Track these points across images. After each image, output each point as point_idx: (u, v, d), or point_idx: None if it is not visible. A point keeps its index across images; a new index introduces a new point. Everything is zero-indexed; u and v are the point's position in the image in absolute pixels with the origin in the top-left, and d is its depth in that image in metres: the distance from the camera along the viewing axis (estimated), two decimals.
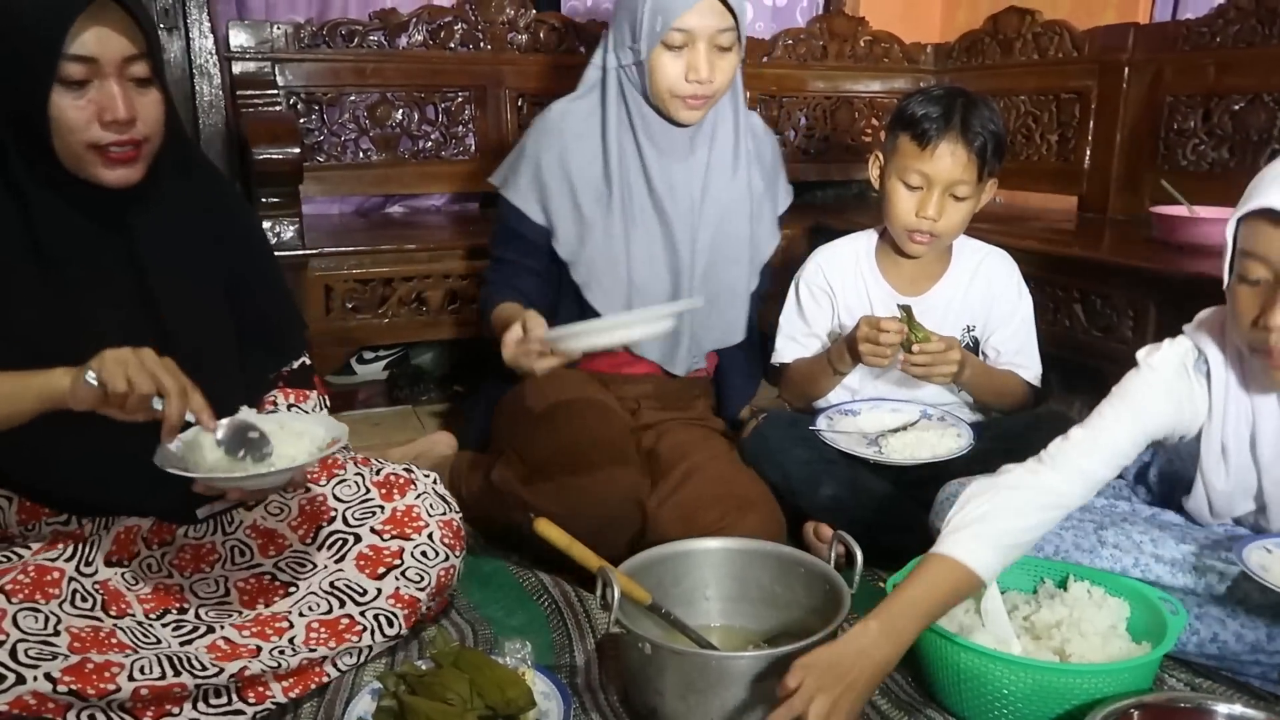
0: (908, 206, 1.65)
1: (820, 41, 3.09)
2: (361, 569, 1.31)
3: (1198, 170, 2.42)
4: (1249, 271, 1.11)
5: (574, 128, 1.68)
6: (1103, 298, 2.03)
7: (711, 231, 1.72)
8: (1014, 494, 1.17)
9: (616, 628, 1.08)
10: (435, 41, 2.67)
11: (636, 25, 1.57)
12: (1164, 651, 1.17)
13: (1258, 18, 2.29)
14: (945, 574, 1.10)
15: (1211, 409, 1.26)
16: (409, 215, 2.79)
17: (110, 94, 1.09)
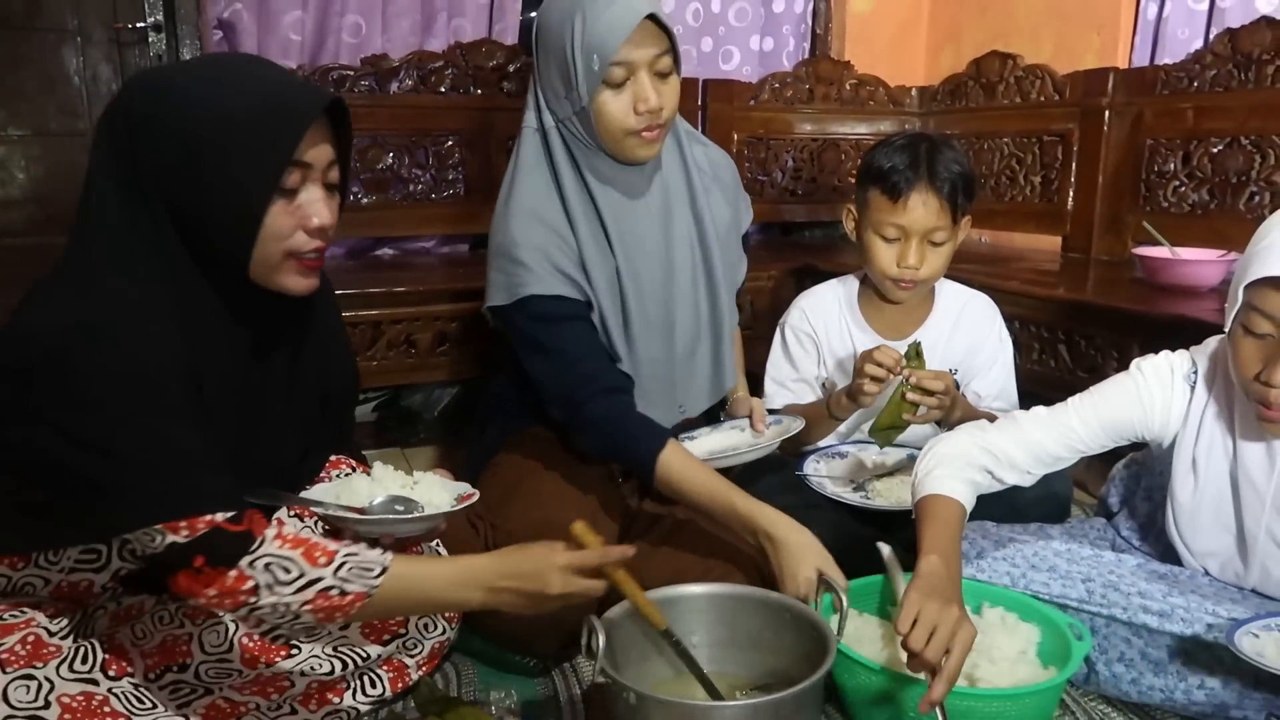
0: (888, 258, 1.67)
1: (806, 85, 3.13)
2: (366, 636, 1.29)
3: (1179, 211, 2.46)
4: (1254, 325, 1.14)
5: (541, 205, 1.54)
6: (1086, 339, 2.05)
7: (687, 272, 1.63)
8: (960, 444, 1.33)
9: (602, 677, 1.07)
10: (426, 86, 2.70)
11: (569, 73, 1.46)
12: (1067, 676, 1.20)
13: (1234, 63, 2.33)
14: (940, 507, 1.25)
15: (1187, 420, 1.30)
16: (399, 257, 2.80)
17: (317, 199, 1.11)
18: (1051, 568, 1.37)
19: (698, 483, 1.41)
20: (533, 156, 1.56)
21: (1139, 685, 1.30)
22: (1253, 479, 1.24)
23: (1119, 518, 1.56)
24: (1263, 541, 1.26)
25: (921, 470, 1.30)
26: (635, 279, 1.57)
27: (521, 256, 1.50)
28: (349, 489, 1.32)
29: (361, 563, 1.05)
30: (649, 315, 1.59)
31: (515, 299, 1.51)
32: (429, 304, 2.23)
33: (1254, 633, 1.19)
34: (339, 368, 1.42)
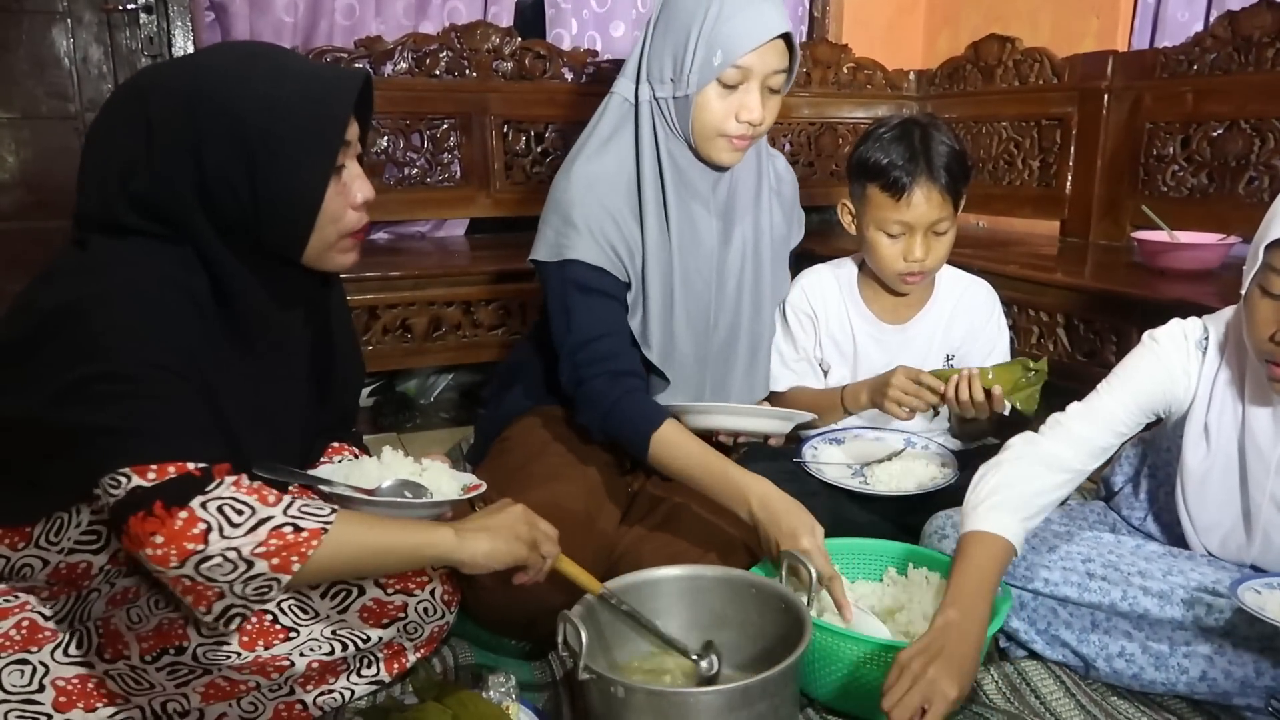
0: (894, 254, 1.65)
1: (804, 69, 3.11)
2: (365, 620, 1.28)
3: (1177, 195, 2.45)
4: (1272, 286, 1.13)
5: (611, 176, 1.53)
6: (1085, 323, 2.04)
7: (735, 279, 1.64)
8: (1017, 464, 1.25)
9: (586, 674, 1.06)
10: (420, 69, 2.68)
11: (683, 58, 1.44)
12: (994, 631, 1.21)
13: (1234, 46, 2.32)
14: (984, 548, 1.18)
15: (1199, 388, 1.29)
16: (394, 242, 2.79)
17: (358, 174, 1.13)
18: (1051, 548, 1.37)
19: (692, 454, 1.40)
20: (614, 126, 1.55)
21: (1140, 680, 1.30)
22: (1259, 445, 1.24)
23: (1120, 498, 1.56)
24: (1266, 509, 1.26)
25: (971, 501, 1.22)
26: (685, 275, 1.58)
27: (575, 219, 1.50)
28: (359, 470, 1.31)
29: (312, 503, 1.04)
30: (691, 313, 1.60)
31: (558, 259, 1.51)
32: (424, 289, 2.22)
33: (1256, 589, 1.19)
34: (348, 351, 1.42)
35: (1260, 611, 1.11)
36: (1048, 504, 1.24)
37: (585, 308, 1.50)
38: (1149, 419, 1.33)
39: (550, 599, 1.23)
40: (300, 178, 1.06)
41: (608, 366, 1.49)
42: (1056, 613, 1.36)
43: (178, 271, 1.06)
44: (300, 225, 1.08)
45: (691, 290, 1.59)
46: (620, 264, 1.53)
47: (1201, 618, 1.25)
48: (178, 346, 1.02)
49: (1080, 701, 1.31)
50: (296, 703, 1.22)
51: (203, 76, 1.06)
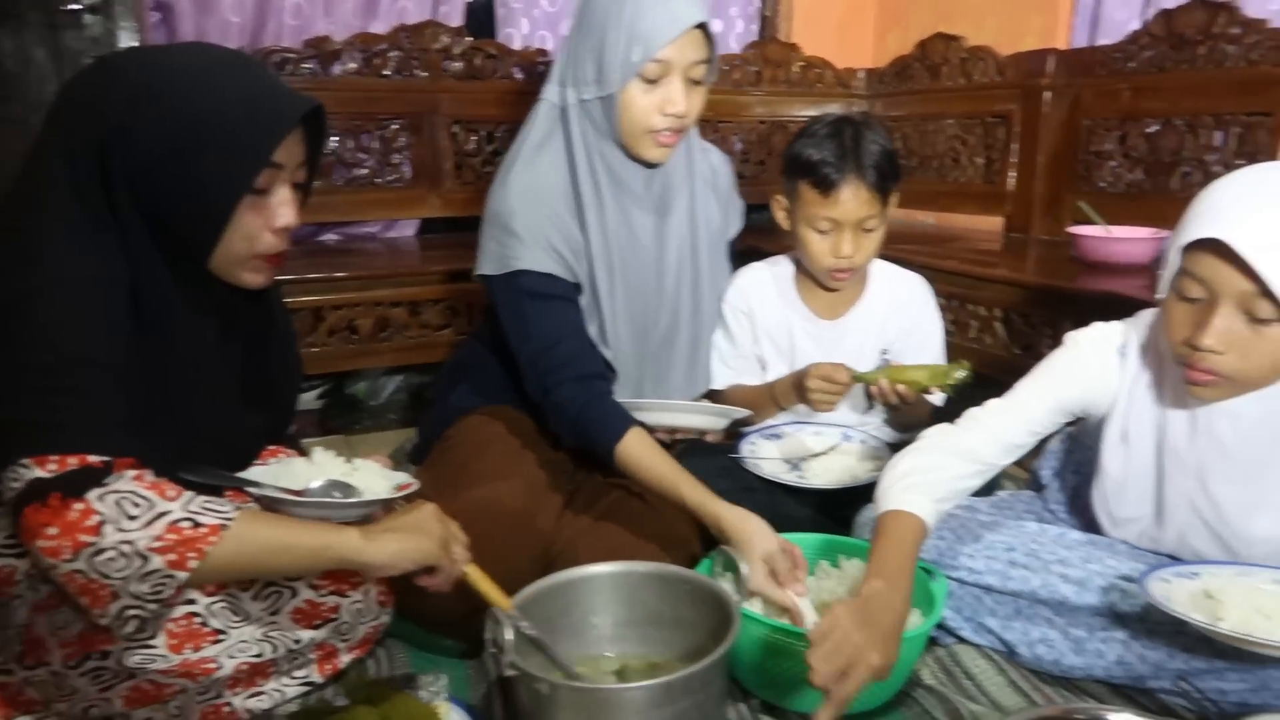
0: (823, 249, 1.68)
1: (755, 67, 3.14)
2: (297, 622, 1.28)
3: (1115, 191, 2.49)
4: (1187, 290, 1.14)
5: (547, 182, 1.54)
6: (1023, 316, 2.08)
7: (673, 275, 1.66)
8: (931, 453, 1.28)
9: (512, 670, 1.07)
10: (369, 69, 2.68)
11: (603, 58, 1.46)
12: (934, 621, 1.25)
13: (1169, 44, 2.37)
14: (902, 526, 1.19)
15: (1119, 391, 1.31)
16: (343, 243, 2.78)
17: (285, 200, 1.14)
18: (977, 538, 1.40)
19: (654, 470, 1.42)
20: (545, 132, 1.56)
21: (1060, 665, 1.34)
22: (1177, 447, 1.26)
23: (1049, 490, 1.59)
24: (1183, 510, 1.28)
25: (885, 484, 1.25)
26: (625, 274, 1.59)
27: (516, 228, 1.50)
28: (288, 472, 1.31)
29: (214, 500, 1.04)
30: (632, 312, 1.62)
31: (505, 271, 1.52)
32: (370, 289, 2.21)
33: (1165, 578, 1.22)
34: (284, 355, 1.42)
35: (1165, 604, 1.15)
36: (958, 490, 1.26)
37: (540, 315, 1.51)
38: (1066, 419, 1.35)
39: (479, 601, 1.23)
40: (215, 187, 1.08)
41: (572, 371, 1.50)
42: (982, 600, 1.39)
43: (109, 263, 1.07)
44: (206, 232, 1.10)
45: (632, 289, 1.61)
46: (569, 267, 1.54)
47: (1117, 604, 1.28)
48: (105, 341, 1.03)
49: (1012, 679, 1.34)
50: (224, 705, 1.22)
51: (163, 67, 1.09)
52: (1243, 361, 1.12)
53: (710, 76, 1.53)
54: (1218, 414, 1.22)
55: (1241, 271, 1.07)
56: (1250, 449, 1.21)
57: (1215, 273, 1.10)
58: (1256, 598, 1.17)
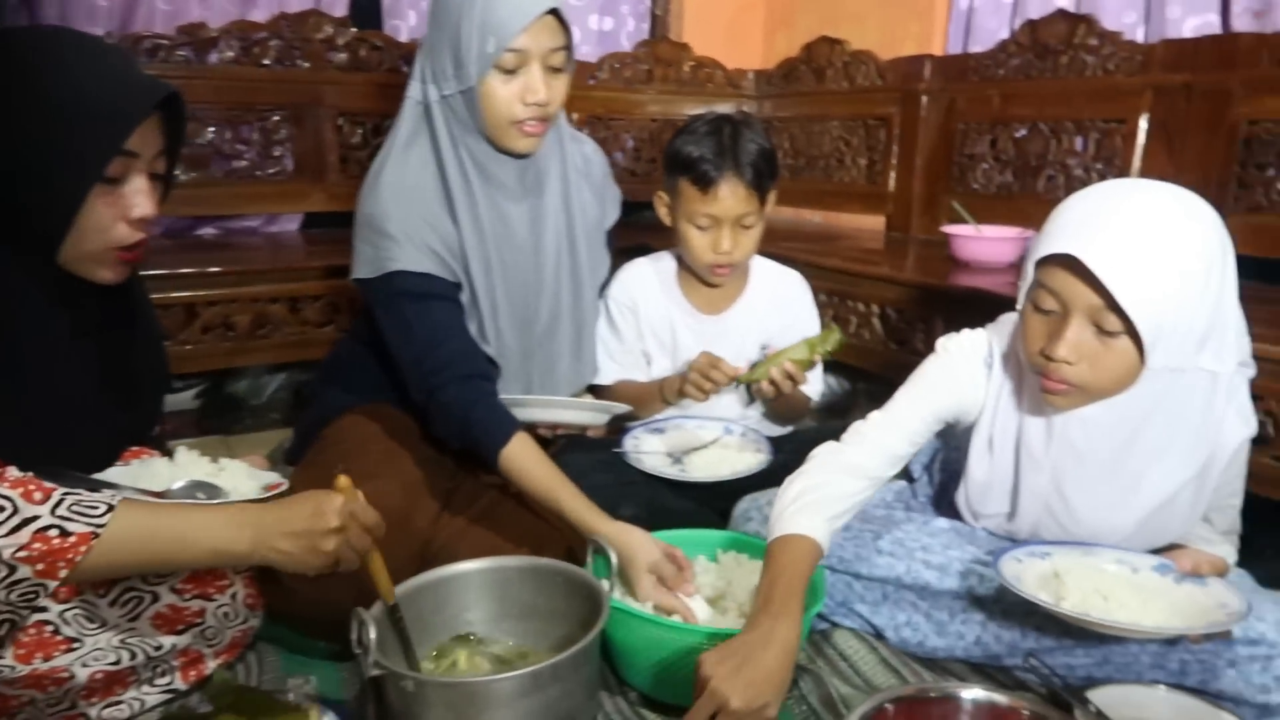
0: (703, 245, 1.71)
1: (646, 66, 3.16)
2: (158, 628, 1.24)
3: (986, 192, 2.60)
4: (1042, 302, 1.18)
5: (417, 181, 1.52)
6: (899, 312, 2.15)
7: (552, 266, 1.65)
8: (820, 472, 1.28)
9: (376, 669, 1.06)
10: (248, 58, 2.59)
11: (460, 51, 1.45)
12: (817, 610, 1.28)
13: (1034, 52, 2.48)
14: (794, 550, 1.18)
15: (986, 401, 1.35)
16: (222, 237, 2.68)
17: (141, 190, 1.10)
18: (846, 526, 1.43)
19: (536, 480, 1.42)
20: (411, 130, 1.54)
21: (924, 647, 1.39)
22: (1033, 452, 1.31)
23: (918, 483, 1.65)
24: (1037, 510, 1.34)
25: (778, 508, 1.24)
26: (504, 268, 1.58)
27: (390, 230, 1.48)
28: (148, 472, 1.27)
29: (85, 500, 0.98)
30: (514, 305, 1.61)
31: (381, 273, 1.49)
32: (247, 285, 2.15)
33: (1018, 558, 1.28)
34: (149, 354, 1.37)
35: (1015, 584, 1.20)
36: (851, 506, 1.27)
37: (420, 316, 1.49)
38: (942, 426, 1.39)
39: (354, 599, 1.21)
40: (64, 175, 1.04)
41: (455, 372, 1.48)
42: (852, 586, 1.44)
43: None
44: (54, 223, 1.05)
45: (512, 283, 1.60)
46: (446, 265, 1.53)
47: (975, 588, 1.34)
48: None
49: (883, 656, 1.39)
50: (79, 716, 1.17)
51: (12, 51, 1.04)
52: (1093, 372, 1.17)
53: (570, 64, 1.53)
54: (1072, 420, 1.26)
55: (1091, 286, 1.12)
56: (1100, 453, 1.27)
57: (1067, 287, 1.14)
58: (1098, 579, 1.23)
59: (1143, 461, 1.25)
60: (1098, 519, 1.30)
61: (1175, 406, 1.22)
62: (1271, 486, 1.47)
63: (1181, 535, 1.32)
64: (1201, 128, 2.13)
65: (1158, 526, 1.29)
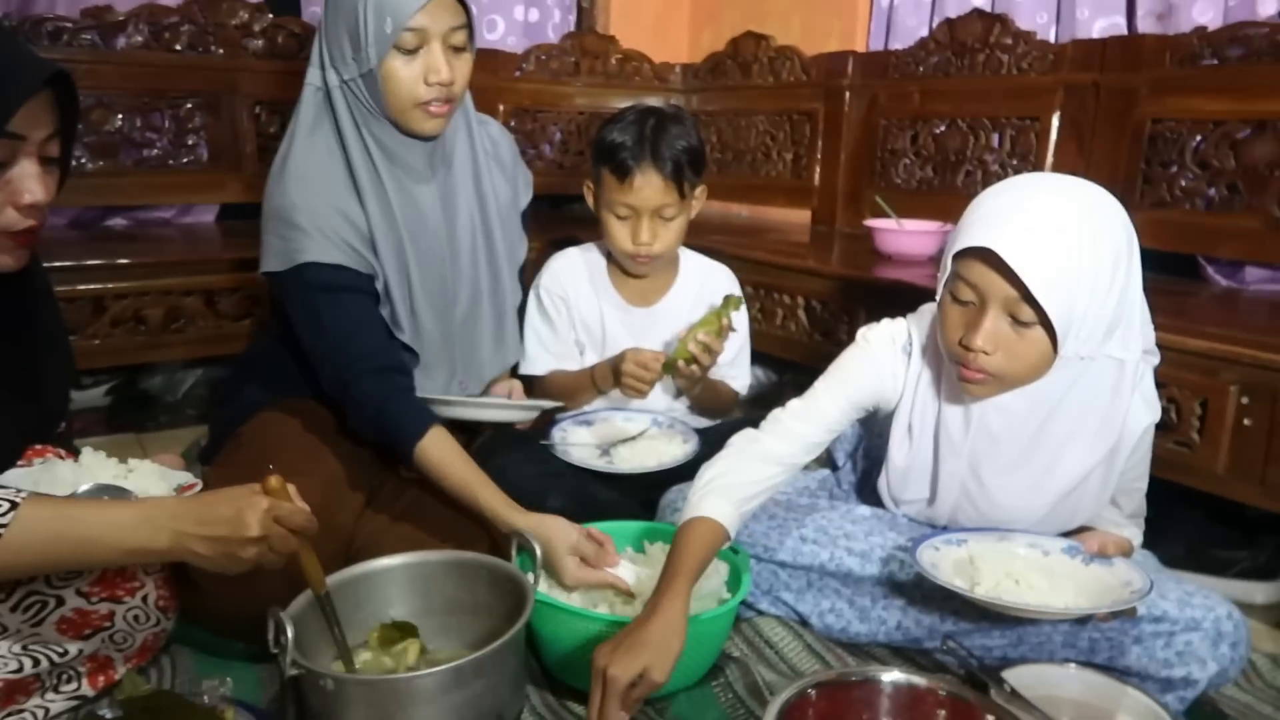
0: (623, 235, 1.72)
1: (572, 58, 3.14)
2: (63, 633, 1.18)
3: (908, 187, 2.65)
4: (960, 293, 1.21)
5: (322, 170, 1.49)
6: (823, 304, 2.18)
7: (468, 250, 1.63)
8: (736, 458, 1.31)
9: (294, 669, 1.03)
10: (159, 43, 2.50)
11: (359, 33, 1.42)
12: (742, 597, 1.30)
13: (952, 50, 2.54)
14: (698, 533, 1.21)
15: (905, 389, 1.38)
16: (133, 228, 2.59)
17: (30, 174, 1.06)
18: (771, 515, 1.46)
19: (452, 476, 1.41)
20: (313, 117, 1.51)
21: (848, 633, 1.42)
22: (952, 438, 1.34)
23: (842, 472, 1.68)
24: (955, 494, 1.37)
25: (691, 493, 1.27)
26: (418, 253, 1.55)
27: (299, 221, 1.45)
28: (50, 475, 1.21)
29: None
30: (430, 290, 1.58)
31: (291, 265, 1.45)
32: (159, 277, 2.07)
33: (935, 546, 1.31)
34: (52, 348, 1.31)
35: (931, 572, 1.23)
36: (763, 490, 1.30)
37: (331, 308, 1.46)
38: (861, 414, 1.42)
39: (272, 598, 1.18)
40: None
41: (369, 364, 1.46)
42: (778, 575, 1.45)
43: None
44: None
45: (427, 268, 1.58)
46: (358, 255, 1.50)
47: (895, 574, 1.37)
48: None
49: (808, 643, 1.42)
50: None
51: None
52: (1009, 361, 1.20)
53: (472, 44, 1.51)
54: (989, 408, 1.30)
55: (1006, 278, 1.15)
56: (1016, 439, 1.31)
57: (983, 279, 1.17)
58: (1010, 563, 1.27)
59: (1055, 446, 1.29)
60: (1013, 503, 1.34)
61: (1085, 393, 1.26)
62: (1174, 471, 1.53)
63: (1091, 518, 1.37)
64: (1110, 126, 2.21)
65: (1069, 509, 1.34)
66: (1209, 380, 1.50)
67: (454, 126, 1.58)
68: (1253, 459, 1.46)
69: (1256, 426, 1.45)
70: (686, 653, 1.22)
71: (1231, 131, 1.98)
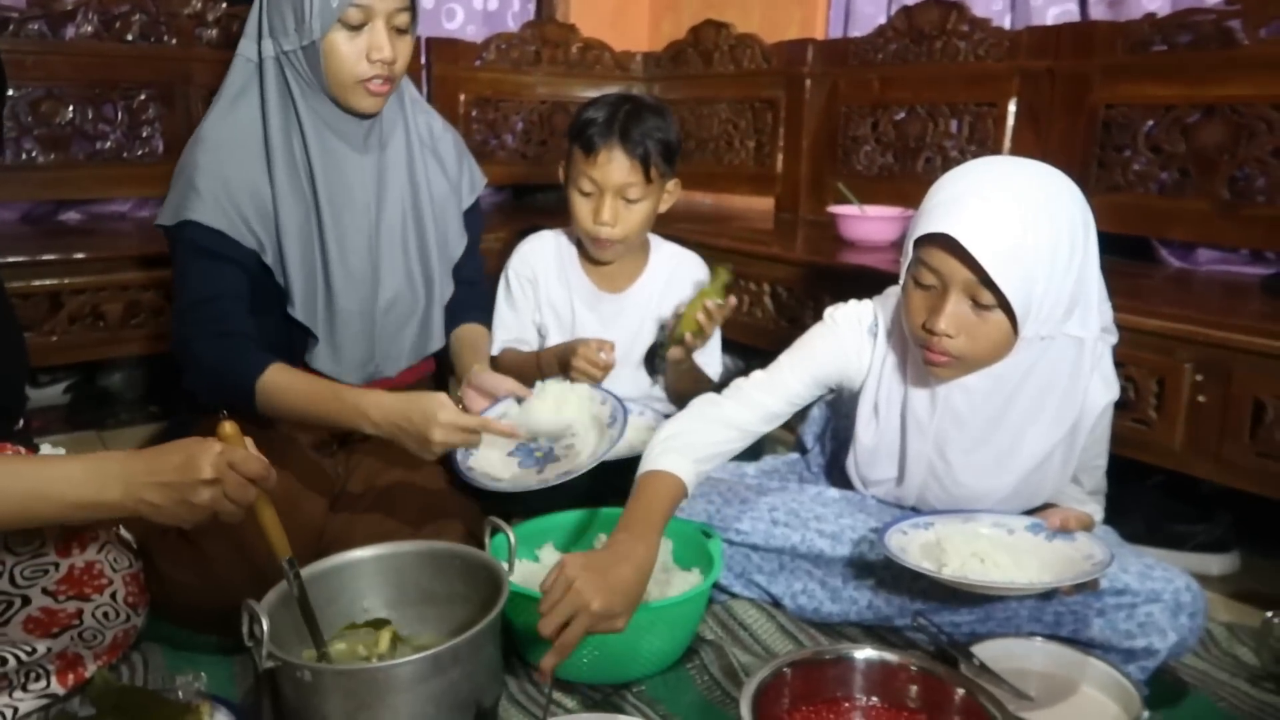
0: (585, 212, 1.73)
1: (533, 47, 3.13)
2: (30, 632, 1.17)
3: (869, 173, 2.68)
4: (922, 278, 1.24)
5: (237, 138, 1.49)
6: (788, 290, 2.20)
7: (397, 232, 1.62)
8: (695, 419, 1.34)
9: (270, 661, 1.03)
10: (109, 33, 2.45)
11: (303, 5, 1.43)
12: (714, 579, 1.32)
13: (910, 38, 2.56)
14: (659, 485, 1.23)
15: (870, 369, 1.40)
16: (87, 222, 2.53)
17: None
18: (743, 500, 1.47)
19: (299, 390, 1.41)
20: (239, 87, 1.52)
21: (820, 613, 1.44)
22: (919, 419, 1.37)
23: (811, 454, 1.70)
24: (922, 473, 1.40)
25: (649, 447, 1.29)
26: (339, 228, 1.54)
27: (197, 181, 1.46)
28: None
29: None
30: (350, 266, 1.56)
31: (177, 221, 1.48)
32: (116, 272, 2.04)
33: (903, 530, 1.33)
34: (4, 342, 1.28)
35: (900, 556, 1.26)
36: (719, 454, 1.33)
37: (198, 271, 1.47)
38: (823, 392, 1.44)
39: (243, 591, 1.17)
40: None
41: (216, 328, 1.45)
42: (750, 558, 1.47)
43: None
44: None
45: (350, 246, 1.56)
46: (245, 228, 1.49)
47: (865, 554, 1.39)
48: None
49: (781, 623, 1.44)
50: None
51: None
52: (971, 344, 1.23)
53: (414, 27, 1.52)
54: (954, 388, 1.33)
55: (965, 263, 1.17)
56: (980, 418, 1.33)
57: (944, 264, 1.20)
58: (975, 543, 1.29)
59: (1018, 425, 1.32)
60: (978, 481, 1.37)
61: (1046, 372, 1.29)
62: (1132, 448, 1.57)
63: (1054, 495, 1.40)
64: (1064, 111, 2.25)
65: (1032, 488, 1.37)
66: (1165, 359, 1.54)
67: (390, 108, 1.59)
68: (1207, 435, 1.51)
69: (1210, 404, 1.49)
70: (661, 636, 1.24)
71: (1182, 116, 2.03)
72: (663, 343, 1.77)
